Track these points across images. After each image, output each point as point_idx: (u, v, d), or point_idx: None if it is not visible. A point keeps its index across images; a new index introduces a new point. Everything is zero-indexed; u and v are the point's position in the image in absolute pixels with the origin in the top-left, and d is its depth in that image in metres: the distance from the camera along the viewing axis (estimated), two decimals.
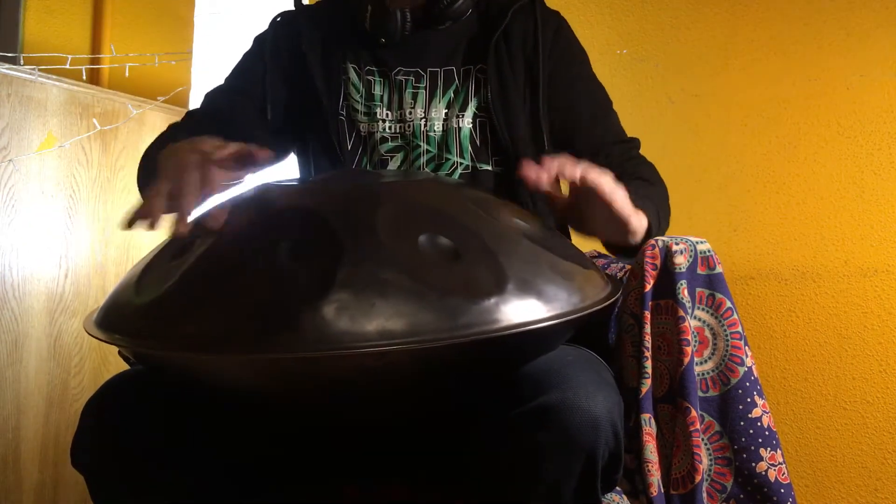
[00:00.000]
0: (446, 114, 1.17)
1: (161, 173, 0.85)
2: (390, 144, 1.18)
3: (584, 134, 1.20)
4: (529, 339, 0.75)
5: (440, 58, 1.20)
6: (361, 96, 1.20)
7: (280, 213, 0.82)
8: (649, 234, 1.01)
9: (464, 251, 0.75)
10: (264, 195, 0.88)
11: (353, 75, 1.20)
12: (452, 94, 1.18)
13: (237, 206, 0.85)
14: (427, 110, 1.18)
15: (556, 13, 1.26)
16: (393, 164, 1.18)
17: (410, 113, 1.18)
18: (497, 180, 1.18)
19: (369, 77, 1.20)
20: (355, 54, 1.21)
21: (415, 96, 1.18)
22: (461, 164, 1.17)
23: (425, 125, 1.17)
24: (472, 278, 0.72)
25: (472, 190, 0.90)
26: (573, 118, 1.20)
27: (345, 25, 1.22)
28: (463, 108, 1.18)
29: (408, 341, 0.67)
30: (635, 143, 1.24)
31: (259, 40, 1.27)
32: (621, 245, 1.03)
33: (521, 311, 0.72)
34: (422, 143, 1.17)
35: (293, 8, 1.27)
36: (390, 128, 1.19)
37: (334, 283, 0.69)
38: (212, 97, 1.24)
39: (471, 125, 1.17)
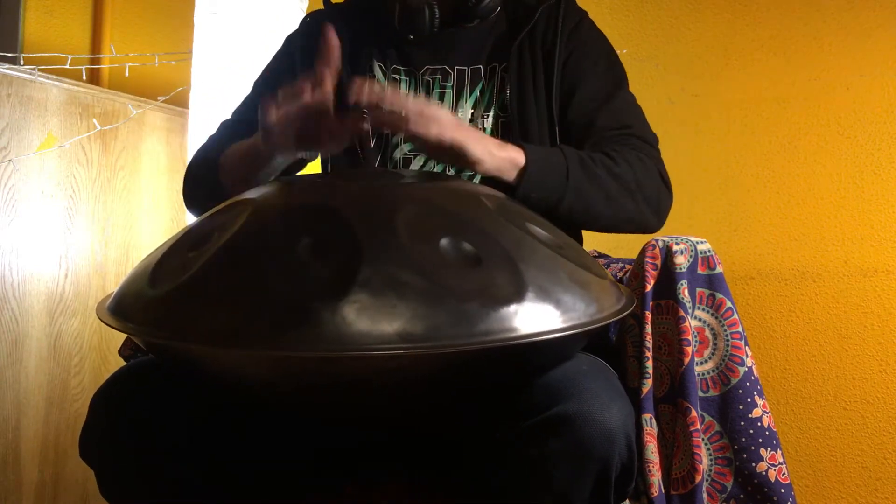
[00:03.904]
0: (472, 114, 1.16)
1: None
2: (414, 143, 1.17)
3: (580, 118, 1.14)
4: (546, 349, 0.75)
5: (468, 56, 1.19)
6: None
7: (300, 210, 0.81)
8: (526, 173, 1.00)
9: (484, 256, 0.74)
10: (285, 190, 0.88)
11: (378, 74, 1.19)
12: (479, 94, 1.17)
13: (257, 200, 0.85)
14: (454, 111, 1.16)
15: (582, 11, 1.22)
16: (416, 164, 1.16)
17: None
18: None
19: (395, 76, 1.19)
20: (382, 53, 1.20)
21: (442, 96, 1.17)
22: None
23: None
24: (491, 284, 0.71)
25: (491, 194, 0.89)
26: (575, 101, 1.15)
27: (373, 24, 1.21)
28: (487, 109, 1.16)
29: (426, 346, 0.66)
30: (636, 131, 1.12)
31: (289, 41, 1.27)
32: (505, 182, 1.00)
33: (539, 319, 0.71)
34: None
35: (322, 8, 1.26)
36: None
37: (354, 283, 0.68)
38: (245, 103, 1.24)
39: (492, 126, 1.16)
